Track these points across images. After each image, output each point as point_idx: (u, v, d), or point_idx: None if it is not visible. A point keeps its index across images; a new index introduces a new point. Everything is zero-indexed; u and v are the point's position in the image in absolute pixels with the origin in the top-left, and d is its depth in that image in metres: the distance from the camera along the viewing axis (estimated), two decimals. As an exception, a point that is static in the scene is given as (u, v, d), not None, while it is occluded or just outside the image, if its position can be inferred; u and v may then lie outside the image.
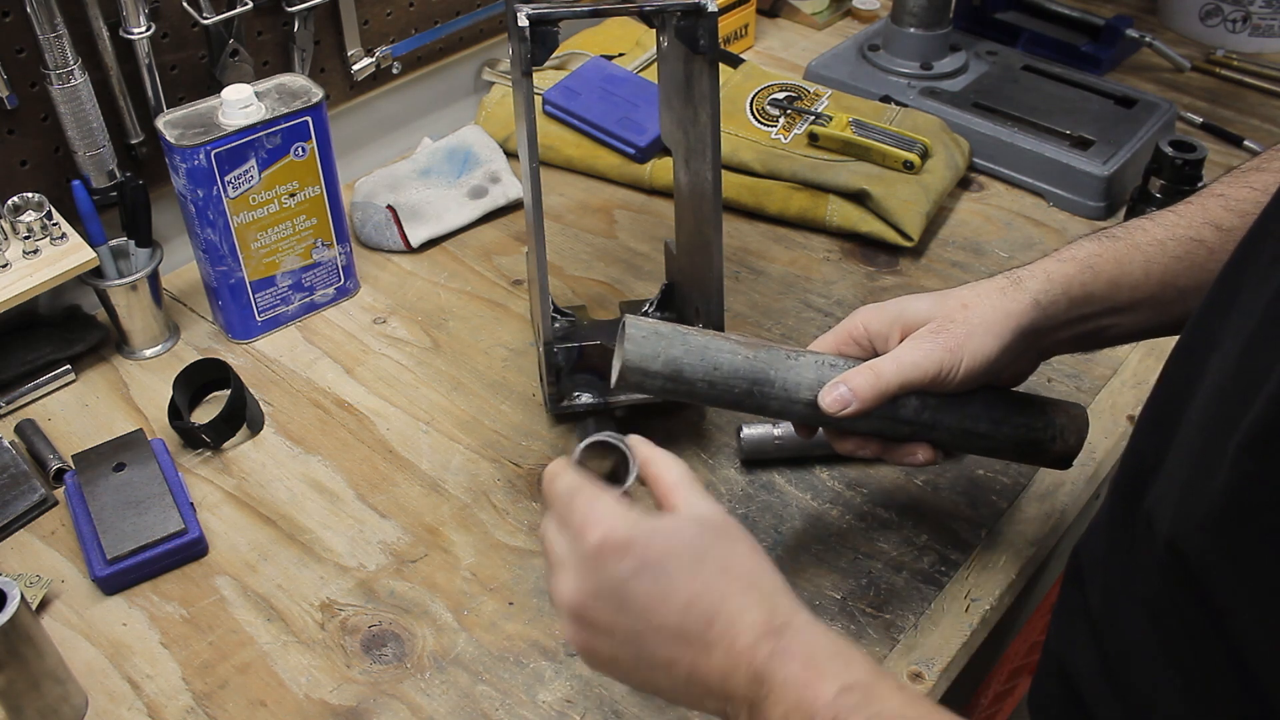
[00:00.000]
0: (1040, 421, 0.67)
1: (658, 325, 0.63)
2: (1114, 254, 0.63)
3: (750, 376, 0.63)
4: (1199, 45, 1.35)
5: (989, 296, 0.64)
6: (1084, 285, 0.63)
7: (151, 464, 0.77)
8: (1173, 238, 0.62)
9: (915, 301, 0.65)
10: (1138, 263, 0.62)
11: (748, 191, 1.05)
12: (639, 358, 0.62)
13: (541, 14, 0.71)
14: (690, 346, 0.63)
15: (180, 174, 0.82)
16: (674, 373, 0.63)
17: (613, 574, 0.49)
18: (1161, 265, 0.62)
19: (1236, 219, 0.62)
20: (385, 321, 0.94)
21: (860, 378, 0.62)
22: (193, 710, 0.66)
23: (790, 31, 1.39)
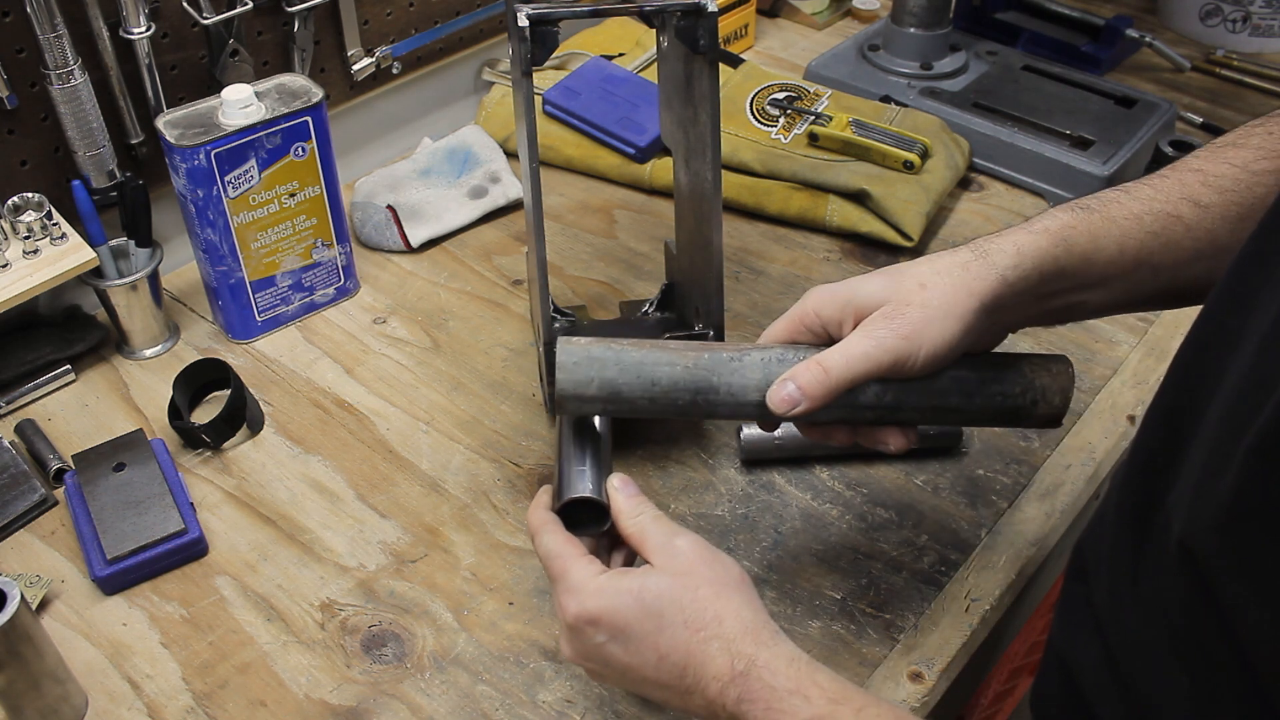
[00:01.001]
0: (1017, 388, 0.62)
1: (590, 348, 0.60)
2: (1088, 227, 0.59)
3: (692, 387, 0.60)
4: (1199, 45, 1.35)
5: (950, 274, 0.59)
6: (1056, 260, 0.59)
7: (151, 464, 0.77)
8: (1149, 212, 0.59)
9: (867, 282, 0.60)
10: (1113, 237, 0.59)
11: (748, 191, 1.05)
12: (572, 385, 0.60)
13: (541, 14, 0.71)
14: (625, 365, 0.60)
15: (180, 174, 0.82)
16: (611, 394, 0.60)
17: (589, 642, 0.56)
18: (1137, 241, 0.59)
19: (1215, 195, 0.59)
20: (385, 321, 0.94)
21: (808, 374, 0.58)
22: (193, 710, 0.66)
23: (790, 31, 1.39)
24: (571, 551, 0.57)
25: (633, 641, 0.54)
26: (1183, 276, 0.57)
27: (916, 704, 0.66)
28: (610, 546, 0.62)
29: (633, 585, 0.55)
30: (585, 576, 0.56)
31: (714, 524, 0.77)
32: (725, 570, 0.56)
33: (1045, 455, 0.82)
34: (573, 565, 0.56)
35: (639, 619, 0.54)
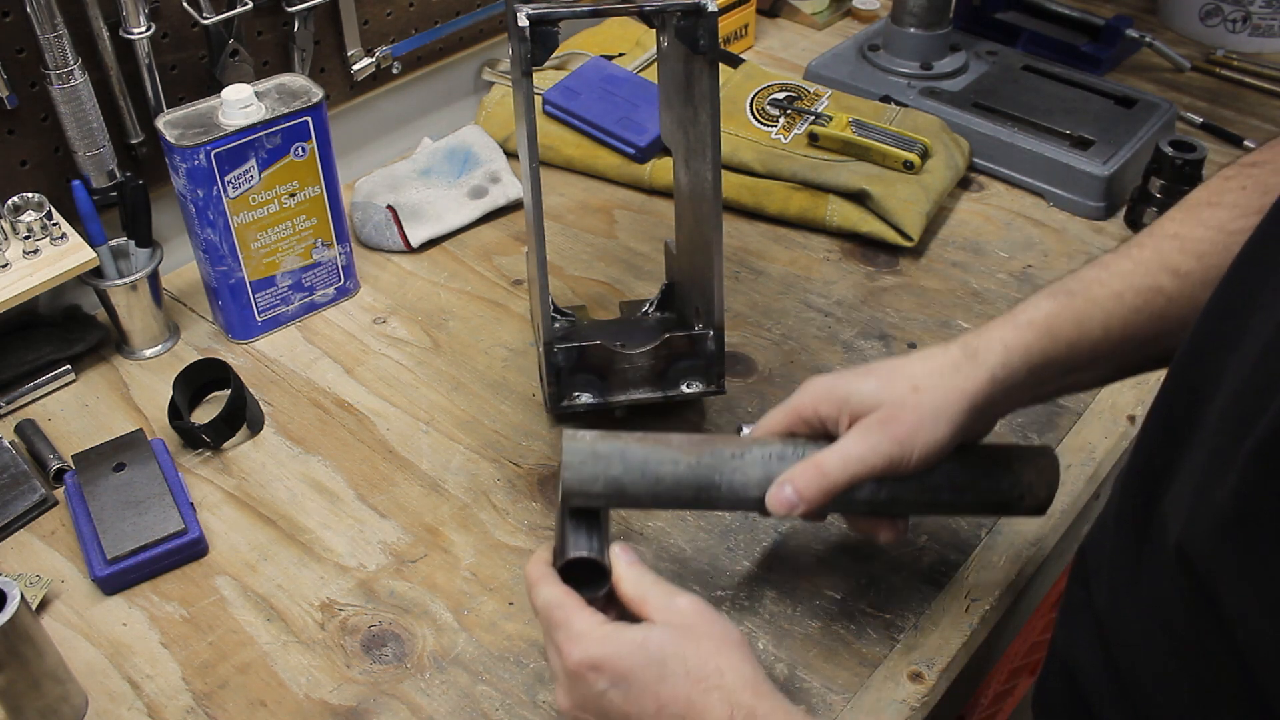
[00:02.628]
0: (1006, 482, 0.65)
1: (595, 444, 0.62)
2: (1072, 314, 0.61)
3: (694, 484, 0.63)
4: (1199, 45, 1.35)
5: (942, 376, 0.61)
6: (1044, 352, 0.61)
7: (151, 464, 0.77)
8: (1130, 288, 0.60)
9: (862, 382, 0.62)
10: (1097, 320, 0.60)
11: (748, 191, 1.05)
12: (578, 481, 0.62)
13: (541, 14, 0.71)
14: (629, 464, 0.62)
15: (180, 174, 0.82)
16: (616, 491, 0.62)
17: (590, 690, 0.55)
18: (1121, 319, 0.60)
19: (1194, 261, 0.60)
20: (385, 321, 0.94)
21: (805, 478, 0.60)
22: (193, 710, 0.66)
23: (790, 31, 1.39)
24: (573, 602, 0.58)
25: (634, 689, 0.54)
26: (1171, 344, 0.57)
27: (916, 704, 0.66)
28: (605, 609, 0.61)
29: (636, 635, 0.55)
30: (589, 625, 0.56)
31: (715, 524, 0.77)
32: (725, 628, 0.57)
33: (1045, 455, 0.82)
34: (575, 614, 0.57)
35: (642, 666, 0.54)
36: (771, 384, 0.88)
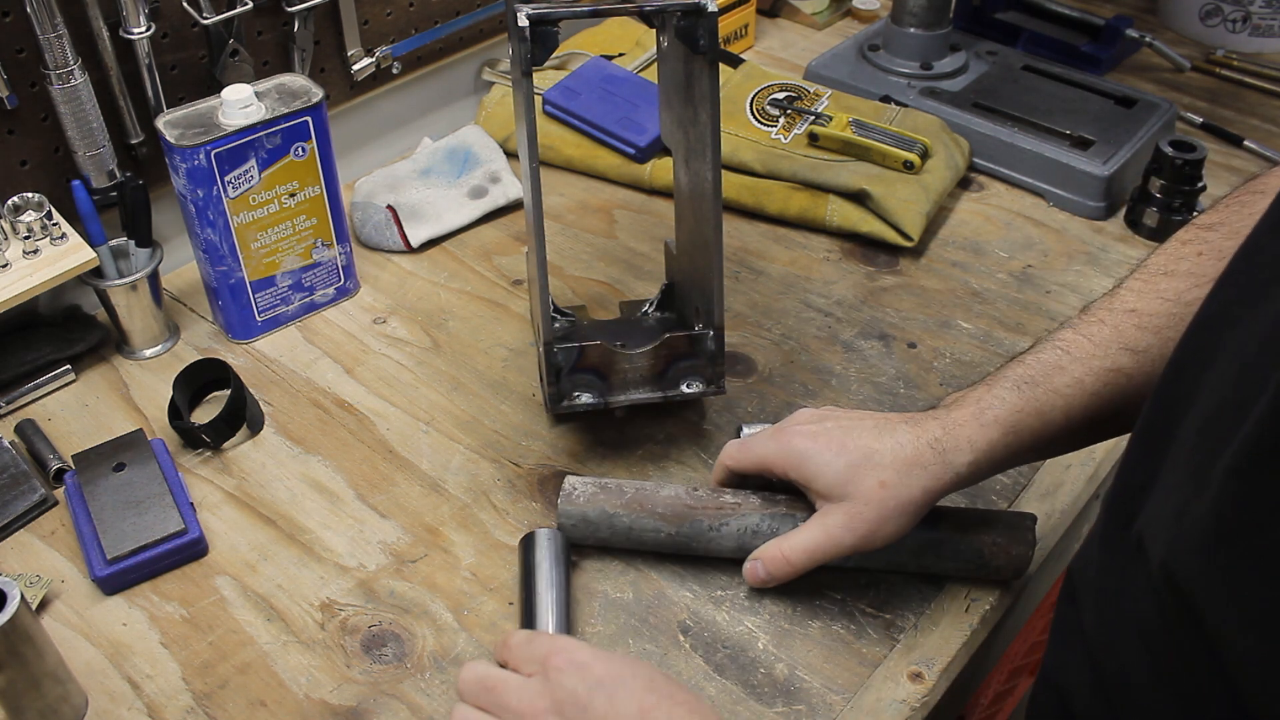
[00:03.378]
0: (966, 556, 0.70)
1: (585, 509, 0.72)
2: (1035, 407, 0.63)
3: (674, 549, 0.73)
4: (1199, 45, 1.35)
5: (909, 473, 0.63)
6: (1008, 447, 0.64)
7: (151, 464, 0.77)
8: (1090, 373, 0.62)
9: (829, 468, 0.65)
10: (1059, 409, 0.63)
11: (748, 191, 1.05)
12: (570, 538, 0.73)
13: (541, 14, 0.71)
14: (616, 530, 0.72)
15: (180, 174, 0.82)
16: (605, 546, 0.74)
17: (573, 688, 0.56)
18: (1082, 405, 0.63)
19: (1151, 337, 0.62)
20: (385, 321, 0.94)
21: (774, 563, 0.68)
22: (193, 710, 0.66)
23: (790, 31, 1.39)
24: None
25: (618, 692, 0.55)
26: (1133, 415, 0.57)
27: (916, 704, 0.66)
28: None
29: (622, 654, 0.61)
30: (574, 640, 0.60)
31: (714, 524, 0.77)
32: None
33: (1045, 455, 0.82)
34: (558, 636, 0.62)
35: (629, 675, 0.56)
36: (771, 384, 0.88)
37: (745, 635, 0.70)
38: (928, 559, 0.71)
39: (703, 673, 0.68)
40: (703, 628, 0.70)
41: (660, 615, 0.71)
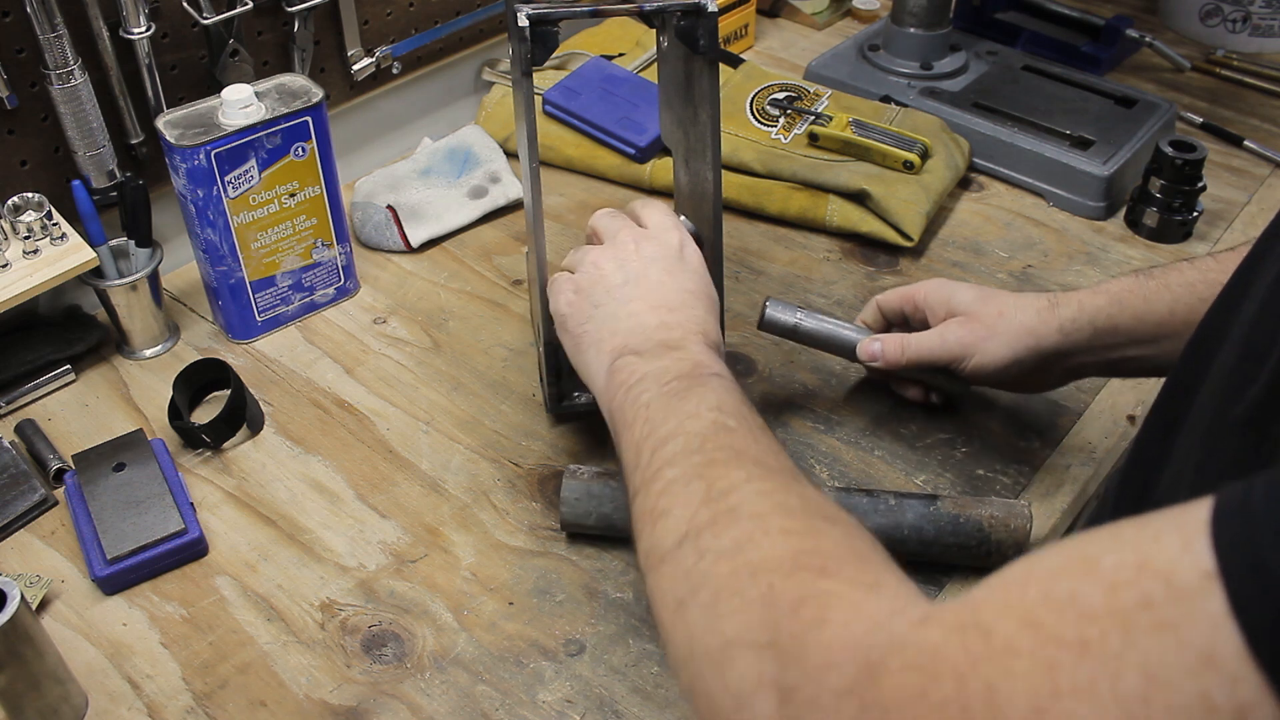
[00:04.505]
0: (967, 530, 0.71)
1: (590, 485, 0.73)
2: (1144, 291, 0.69)
3: None
4: (1199, 45, 1.35)
5: (1023, 312, 0.73)
6: (1110, 317, 0.70)
7: (151, 464, 0.77)
8: (1203, 280, 0.67)
9: (967, 292, 0.76)
10: (1165, 301, 0.68)
11: (748, 191, 1.05)
12: (574, 516, 0.73)
13: (541, 14, 0.71)
14: (620, 503, 0.72)
15: (180, 174, 0.82)
16: (607, 525, 0.73)
17: (604, 275, 0.68)
18: (1187, 305, 0.67)
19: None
20: (385, 321, 0.94)
21: (893, 346, 0.77)
22: (193, 710, 0.66)
23: (790, 31, 1.39)
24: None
25: (675, 267, 0.68)
26: None
27: (916, 704, 0.66)
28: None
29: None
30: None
31: (714, 524, 0.77)
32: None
33: (1045, 455, 0.82)
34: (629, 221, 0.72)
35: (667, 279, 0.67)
36: (772, 384, 0.88)
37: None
38: (928, 535, 0.71)
39: (703, 673, 0.67)
40: (703, 628, 0.70)
41: (660, 615, 0.71)
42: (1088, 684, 0.29)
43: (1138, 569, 0.29)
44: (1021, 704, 0.30)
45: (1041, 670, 0.30)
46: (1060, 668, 0.30)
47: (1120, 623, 0.29)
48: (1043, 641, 0.30)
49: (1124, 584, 0.29)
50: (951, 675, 0.32)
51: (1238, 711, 0.27)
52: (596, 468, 0.75)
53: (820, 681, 0.37)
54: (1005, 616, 0.32)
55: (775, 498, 0.47)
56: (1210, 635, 0.27)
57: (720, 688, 0.41)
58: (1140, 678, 0.28)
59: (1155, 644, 0.28)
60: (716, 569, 0.44)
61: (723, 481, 0.48)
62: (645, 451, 0.53)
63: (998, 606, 0.33)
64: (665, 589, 0.47)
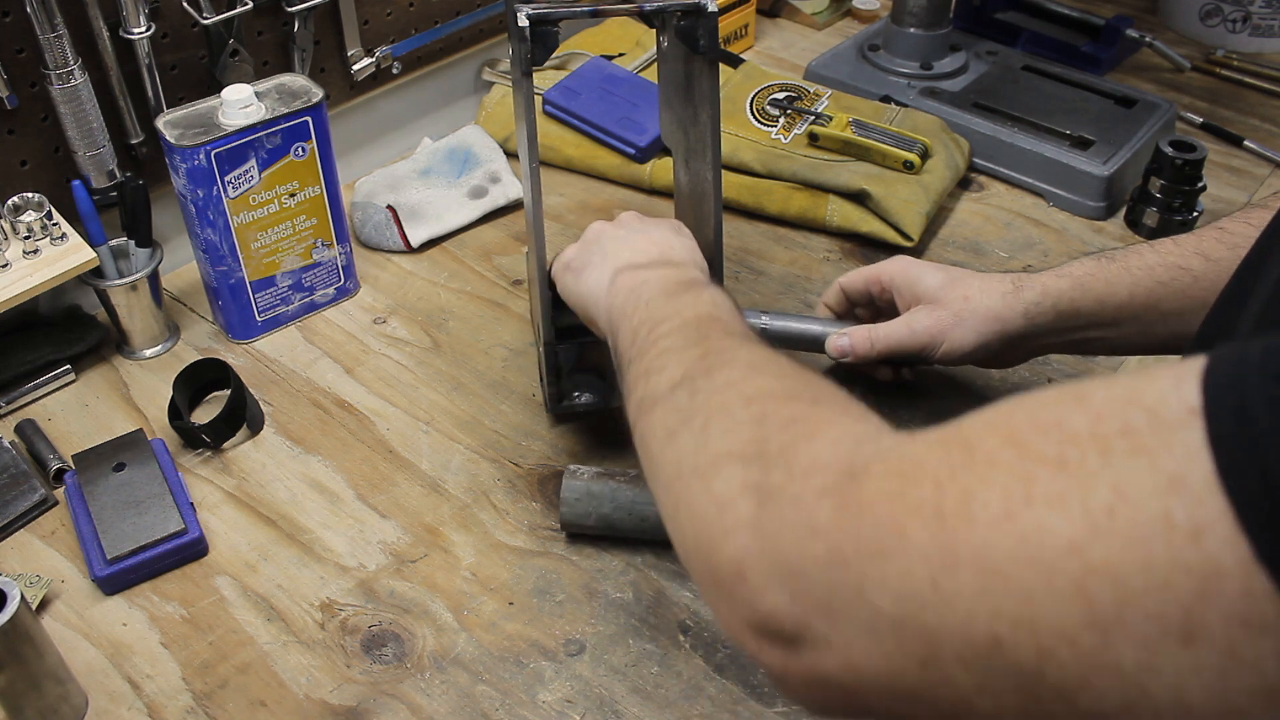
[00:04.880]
0: None
1: (590, 484, 0.73)
2: (1105, 275, 0.71)
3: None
4: (1199, 45, 1.35)
5: (989, 297, 0.74)
6: (1073, 301, 0.72)
7: (151, 464, 0.77)
8: (1162, 264, 0.69)
9: (932, 276, 0.77)
10: (1125, 284, 0.70)
11: (748, 191, 1.05)
12: (574, 516, 0.73)
13: (541, 14, 0.71)
14: (619, 503, 0.73)
15: (180, 174, 0.82)
16: (607, 525, 0.73)
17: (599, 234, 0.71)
18: (1146, 289, 0.69)
19: (1226, 251, 0.67)
20: (385, 321, 0.94)
21: (861, 339, 0.78)
22: (193, 710, 0.66)
23: (790, 31, 1.39)
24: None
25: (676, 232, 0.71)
26: (1190, 323, 0.63)
27: (916, 704, 0.66)
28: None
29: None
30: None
31: (714, 524, 0.77)
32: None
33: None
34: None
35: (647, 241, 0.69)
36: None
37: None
38: None
39: (703, 673, 0.68)
40: (703, 628, 0.70)
41: (660, 615, 0.71)
42: (1059, 495, 0.30)
43: (1126, 401, 0.31)
44: (994, 509, 0.32)
45: (1018, 481, 0.31)
46: (1036, 480, 0.31)
47: (1100, 446, 0.30)
48: (1023, 457, 0.32)
49: (1110, 414, 0.31)
50: (931, 480, 0.34)
51: (1194, 530, 0.28)
52: (596, 468, 0.75)
53: (803, 483, 0.38)
54: (990, 434, 0.34)
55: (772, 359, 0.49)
56: (1183, 462, 0.29)
57: (705, 498, 0.42)
58: (1110, 493, 0.29)
59: (1130, 466, 0.30)
60: (710, 401, 0.45)
61: (719, 345, 0.50)
62: (642, 332, 0.55)
63: (984, 426, 0.34)
64: (656, 425, 0.48)
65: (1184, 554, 0.28)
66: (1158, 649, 0.29)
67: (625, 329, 0.58)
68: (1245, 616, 0.28)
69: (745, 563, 0.39)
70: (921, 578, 0.33)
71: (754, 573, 0.38)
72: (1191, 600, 0.28)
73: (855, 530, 0.35)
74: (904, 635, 0.34)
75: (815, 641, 0.36)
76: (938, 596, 0.32)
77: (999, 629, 0.31)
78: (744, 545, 0.39)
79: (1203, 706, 0.29)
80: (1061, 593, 0.30)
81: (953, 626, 0.32)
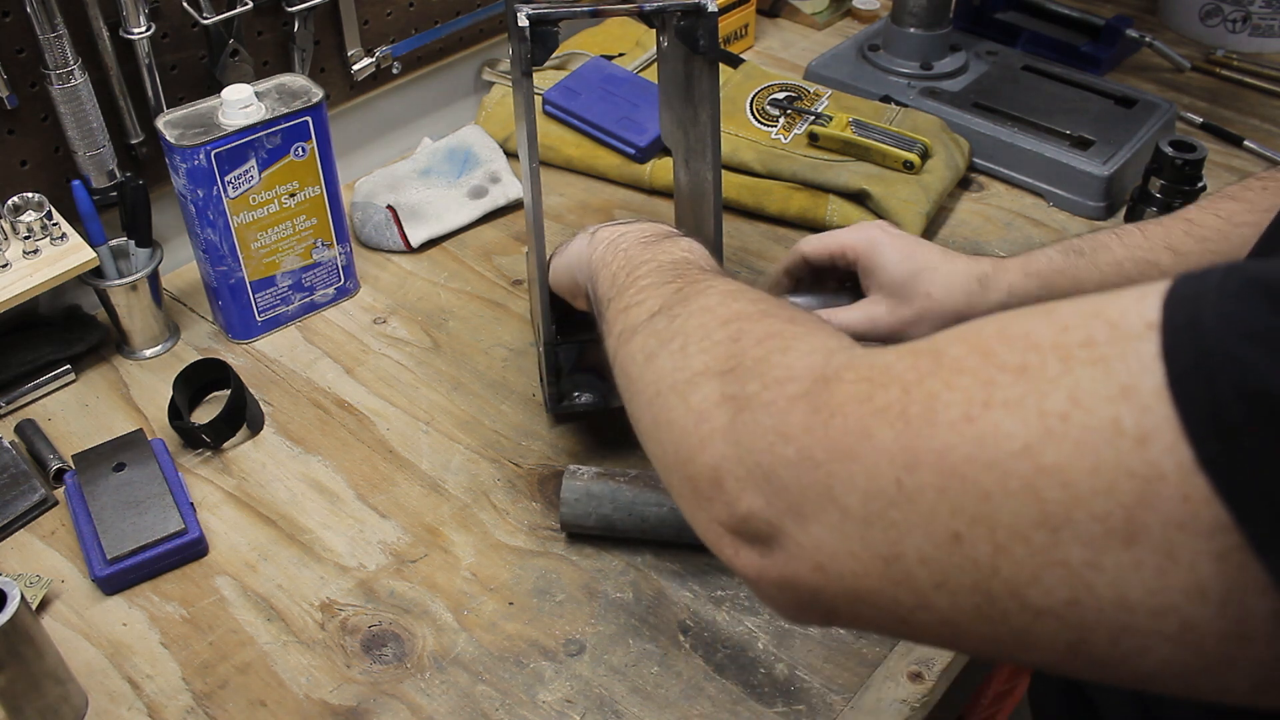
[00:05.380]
0: None
1: (590, 485, 0.73)
2: (1073, 272, 0.70)
3: (676, 524, 0.72)
4: (1199, 45, 1.35)
5: (953, 296, 0.72)
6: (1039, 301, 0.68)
7: (151, 464, 0.77)
8: (1130, 258, 0.68)
9: (895, 265, 0.73)
10: (1093, 280, 0.69)
11: (748, 191, 1.05)
12: (573, 517, 0.73)
13: (541, 14, 0.71)
14: (619, 504, 0.73)
15: (180, 174, 0.82)
16: (607, 526, 0.73)
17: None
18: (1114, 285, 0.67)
19: (1194, 244, 0.67)
20: (385, 321, 0.94)
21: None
22: (193, 710, 0.66)
23: (790, 31, 1.39)
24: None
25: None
26: None
27: (916, 704, 0.66)
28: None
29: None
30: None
31: (714, 524, 0.77)
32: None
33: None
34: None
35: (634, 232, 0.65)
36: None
37: (745, 635, 0.70)
38: None
39: (703, 673, 0.68)
40: (703, 628, 0.70)
41: (660, 615, 0.71)
42: (1017, 400, 0.32)
43: (1092, 315, 0.32)
44: (955, 412, 0.33)
45: (980, 385, 0.33)
46: (997, 385, 0.33)
47: (1061, 355, 0.32)
48: (987, 364, 0.33)
49: (1074, 326, 0.32)
50: (898, 384, 0.35)
51: (1140, 436, 0.29)
52: (596, 468, 0.75)
53: (776, 390, 0.39)
54: (959, 343, 0.35)
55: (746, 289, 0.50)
56: (1136, 372, 0.30)
57: (683, 411, 0.44)
58: (1065, 399, 0.31)
59: (1086, 374, 0.31)
60: (688, 324, 0.47)
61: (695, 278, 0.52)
62: (621, 276, 0.56)
63: (955, 337, 0.36)
64: (635, 351, 0.49)
65: (1129, 459, 0.29)
66: (1102, 548, 0.30)
67: (604, 275, 0.59)
68: (1182, 520, 0.29)
69: (721, 468, 0.40)
70: (887, 477, 0.34)
71: (730, 478, 0.40)
72: (1134, 503, 0.29)
73: (824, 433, 0.37)
74: (870, 533, 0.35)
75: (786, 543, 0.38)
76: (901, 495, 0.34)
77: (958, 526, 0.33)
78: (720, 452, 0.41)
79: (1141, 603, 0.30)
80: (1015, 493, 0.31)
81: (915, 523, 0.34)
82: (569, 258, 0.69)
